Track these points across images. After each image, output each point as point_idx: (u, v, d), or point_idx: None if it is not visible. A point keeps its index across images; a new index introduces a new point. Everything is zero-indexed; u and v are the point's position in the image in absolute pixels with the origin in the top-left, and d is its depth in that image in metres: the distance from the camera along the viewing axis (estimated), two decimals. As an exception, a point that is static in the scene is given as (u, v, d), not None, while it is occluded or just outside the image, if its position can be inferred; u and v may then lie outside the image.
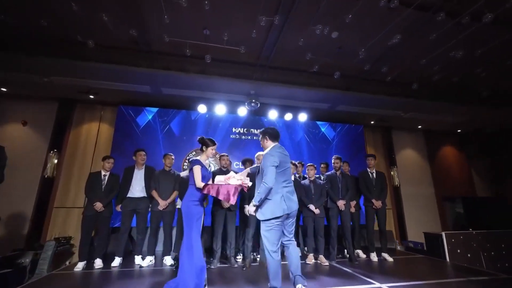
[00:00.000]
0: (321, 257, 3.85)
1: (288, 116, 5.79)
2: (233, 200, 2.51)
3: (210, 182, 2.90)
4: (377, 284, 2.75)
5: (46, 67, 4.13)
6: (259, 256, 3.83)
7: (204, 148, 2.95)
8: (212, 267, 3.43)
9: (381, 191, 4.33)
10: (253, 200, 2.36)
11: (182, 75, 4.42)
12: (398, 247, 5.47)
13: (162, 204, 3.67)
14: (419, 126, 7.70)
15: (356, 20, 3.40)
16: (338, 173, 4.31)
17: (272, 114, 5.65)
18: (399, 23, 3.45)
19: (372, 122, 7.03)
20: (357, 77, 5.11)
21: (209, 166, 3.03)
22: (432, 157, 8.05)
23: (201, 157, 2.92)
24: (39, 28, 3.65)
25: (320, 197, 4.00)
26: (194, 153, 5.22)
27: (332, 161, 4.37)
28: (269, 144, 2.54)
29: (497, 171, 8.23)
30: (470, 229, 4.90)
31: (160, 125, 5.16)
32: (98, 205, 3.53)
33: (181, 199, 3.61)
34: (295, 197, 2.44)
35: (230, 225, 3.68)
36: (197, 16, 3.52)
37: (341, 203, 4.05)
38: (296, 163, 4.44)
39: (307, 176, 4.18)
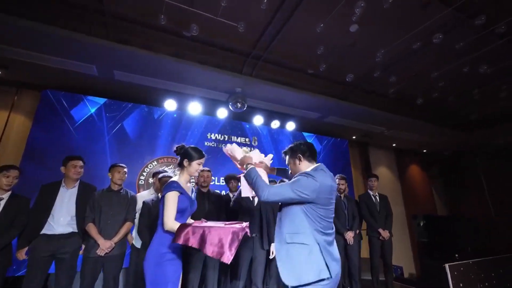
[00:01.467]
0: None
1: (275, 124, 4.90)
2: (229, 256, 1.41)
3: (190, 220, 1.81)
4: None
5: None
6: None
7: (185, 162, 1.80)
8: None
9: (386, 218, 3.72)
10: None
11: (147, 56, 3.15)
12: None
13: (105, 246, 2.32)
14: (394, 144, 7.67)
15: (381, 15, 2.74)
16: (342, 196, 3.55)
17: (257, 120, 4.69)
18: (430, 26, 2.92)
19: (354, 137, 6.67)
20: (357, 87, 4.55)
21: (192, 191, 1.90)
22: (402, 175, 8.12)
23: (180, 178, 1.78)
24: None
25: None
26: (156, 163, 3.88)
27: (338, 184, 3.60)
28: (304, 167, 1.63)
29: (453, 191, 8.75)
30: (456, 255, 4.66)
31: (108, 123, 3.69)
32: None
33: (142, 237, 2.35)
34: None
35: (211, 273, 2.53)
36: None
37: (350, 236, 3.28)
38: None
39: None
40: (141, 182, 3.70)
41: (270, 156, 2.00)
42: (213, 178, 4.19)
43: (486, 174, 7.86)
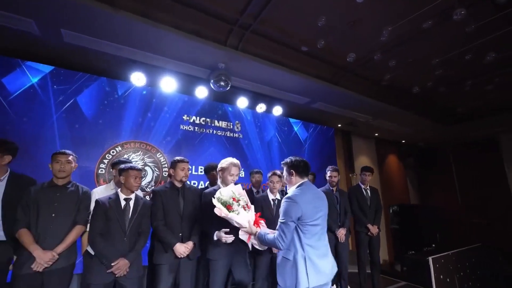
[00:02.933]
0: None
1: (261, 108, 4.42)
2: None
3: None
4: None
5: None
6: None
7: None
8: None
9: (376, 213, 3.52)
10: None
11: (106, 11, 2.44)
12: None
13: (43, 259, 1.75)
14: (376, 134, 7.62)
15: None
16: (335, 190, 3.25)
17: (242, 103, 4.17)
18: (440, 4, 2.57)
19: (339, 125, 6.44)
20: (350, 71, 4.19)
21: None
22: (380, 165, 8.19)
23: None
24: None
25: None
26: (120, 149, 3.24)
27: (327, 174, 3.29)
28: (296, 181, 1.80)
29: (425, 182, 9.10)
30: (433, 245, 4.73)
31: (56, 97, 2.94)
32: None
33: (94, 248, 1.83)
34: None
35: (184, 281, 2.09)
36: None
37: (342, 233, 3.02)
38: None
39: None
40: (101, 171, 3.07)
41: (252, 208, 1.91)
42: (189, 166, 3.69)
43: (457, 167, 8.20)
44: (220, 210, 1.75)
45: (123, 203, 1.96)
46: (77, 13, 2.44)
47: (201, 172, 3.74)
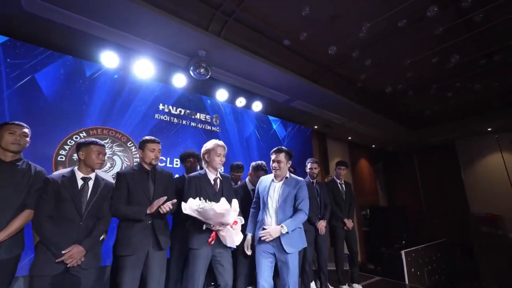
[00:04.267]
0: None
1: (240, 102, 4.33)
2: None
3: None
4: None
5: None
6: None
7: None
8: None
9: (350, 206, 3.56)
10: (285, 226, 1.99)
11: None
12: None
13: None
14: (349, 137, 7.92)
15: None
16: (315, 182, 3.23)
17: (221, 95, 4.05)
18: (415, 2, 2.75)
19: (315, 127, 6.58)
20: (329, 69, 4.31)
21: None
22: (353, 168, 8.50)
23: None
24: None
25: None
26: (85, 135, 2.91)
27: (307, 166, 3.26)
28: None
29: (391, 185, 9.64)
30: (403, 242, 4.93)
31: (10, 72, 2.57)
32: None
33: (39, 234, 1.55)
34: None
35: (152, 278, 1.85)
36: None
37: (322, 225, 2.98)
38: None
39: None
40: (61, 158, 2.71)
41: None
42: (164, 158, 3.45)
43: (420, 170, 8.81)
44: (205, 206, 1.65)
45: (80, 182, 1.71)
46: (40, -25, 2.18)
47: (176, 164, 3.51)
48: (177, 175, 2.86)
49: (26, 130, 1.72)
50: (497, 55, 3.62)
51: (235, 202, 1.89)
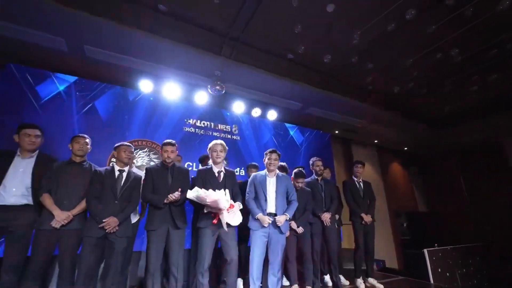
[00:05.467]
0: None
1: (256, 112, 4.85)
2: None
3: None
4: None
5: None
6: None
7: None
8: None
9: (370, 203, 3.69)
10: (288, 214, 2.53)
11: (119, 29, 3.04)
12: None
13: (61, 217, 2.13)
14: (376, 141, 7.79)
15: None
16: (319, 179, 3.49)
17: (238, 108, 4.62)
18: (401, 6, 3.00)
19: (336, 132, 6.72)
20: (336, 76, 4.60)
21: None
22: (384, 173, 8.23)
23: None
24: None
25: (305, 211, 3.06)
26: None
27: (312, 164, 3.55)
28: None
29: (431, 190, 8.97)
30: (436, 245, 4.69)
31: (78, 102, 3.51)
32: None
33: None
34: None
35: (173, 250, 2.35)
36: None
37: (326, 217, 3.20)
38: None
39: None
40: (113, 161, 3.50)
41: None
42: (190, 163, 4.08)
43: (463, 172, 8.08)
44: (199, 193, 2.15)
45: (117, 173, 2.34)
46: (97, 31, 3.05)
47: (200, 168, 4.10)
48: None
49: (87, 140, 2.45)
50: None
51: (227, 192, 2.31)
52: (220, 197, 2.17)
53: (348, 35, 3.39)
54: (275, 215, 2.51)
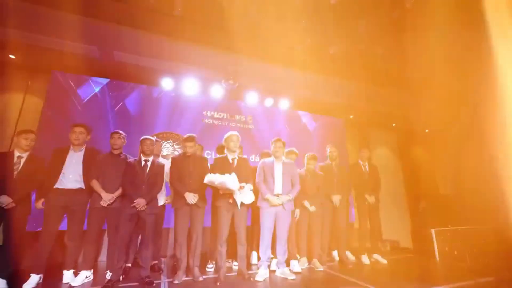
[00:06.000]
0: (315, 261, 3.22)
1: (269, 102, 5.12)
2: None
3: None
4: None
5: None
6: (236, 264, 3.05)
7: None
8: (176, 281, 2.56)
9: (374, 185, 3.90)
10: (291, 195, 2.91)
11: (142, 35, 3.44)
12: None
13: (107, 198, 2.67)
14: (393, 124, 7.70)
15: None
16: (333, 164, 3.75)
17: (251, 99, 4.92)
18: None
19: (351, 117, 6.76)
20: (346, 62, 4.66)
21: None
22: (403, 156, 8.15)
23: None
24: None
25: (316, 192, 3.39)
26: (155, 137, 4.20)
27: (327, 150, 3.81)
28: None
29: (456, 172, 8.69)
30: (449, 226, 4.77)
31: (111, 101, 4.05)
32: (4, 200, 2.40)
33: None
34: None
35: (195, 226, 2.81)
36: None
37: (336, 199, 3.49)
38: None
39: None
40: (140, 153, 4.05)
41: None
42: (209, 152, 4.52)
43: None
44: (213, 178, 2.55)
45: (143, 162, 2.81)
46: (125, 38, 3.47)
47: (218, 155, 4.54)
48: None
49: (121, 135, 2.94)
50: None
51: (234, 175, 2.67)
52: (226, 180, 2.56)
53: (353, 24, 3.48)
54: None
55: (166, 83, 4.26)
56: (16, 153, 2.61)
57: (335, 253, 3.79)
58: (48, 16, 3.06)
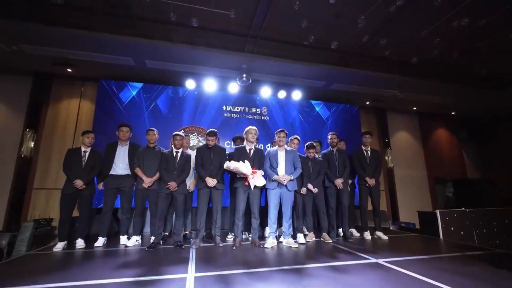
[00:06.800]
0: (324, 235, 3.73)
1: (282, 94, 5.53)
2: None
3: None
4: (374, 260, 2.64)
5: (14, 33, 3.71)
6: (250, 235, 3.69)
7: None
8: (194, 246, 3.25)
9: (376, 169, 4.19)
10: (292, 175, 3.39)
11: (167, 45, 4.07)
12: (391, 227, 5.44)
13: (147, 181, 3.44)
14: (414, 108, 7.59)
15: None
16: (334, 150, 4.12)
17: (265, 92, 5.38)
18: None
19: (367, 103, 6.87)
20: (354, 53, 4.86)
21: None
22: (425, 140, 8.02)
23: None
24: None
25: (318, 176, 3.84)
26: (183, 131, 4.93)
27: (328, 138, 4.18)
28: None
29: (485, 155, 8.31)
30: (463, 208, 4.88)
31: (145, 102, 4.83)
32: (78, 183, 3.27)
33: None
34: None
35: (215, 204, 3.47)
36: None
37: (338, 182, 3.90)
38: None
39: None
40: (172, 146, 4.82)
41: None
42: (229, 142, 5.14)
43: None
44: (229, 164, 3.14)
45: (174, 153, 3.49)
46: (154, 50, 4.14)
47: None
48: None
49: (155, 132, 3.66)
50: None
51: (247, 162, 3.23)
52: (240, 166, 3.14)
53: (353, 21, 3.71)
54: None
55: (190, 84, 4.91)
56: (82, 149, 3.47)
57: (340, 230, 4.24)
58: (93, 38, 3.82)
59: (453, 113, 8.05)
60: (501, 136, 7.92)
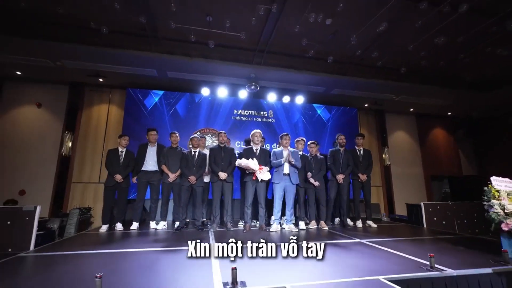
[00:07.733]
0: (322, 222, 4.37)
1: (286, 99, 6.15)
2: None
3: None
4: (358, 240, 3.28)
5: (59, 51, 4.44)
6: (258, 222, 4.36)
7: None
8: (212, 230, 3.93)
9: (367, 166, 4.79)
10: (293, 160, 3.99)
11: (186, 60, 4.74)
12: (385, 219, 6.04)
13: (172, 177, 4.14)
14: (411, 109, 8.07)
15: (347, 8, 3.70)
16: (342, 149, 4.70)
17: (271, 97, 6.01)
18: (387, 11, 3.76)
19: (366, 105, 7.40)
20: (351, 63, 5.43)
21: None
22: (422, 139, 8.50)
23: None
24: (52, 14, 3.94)
25: (320, 171, 4.46)
26: (199, 133, 5.63)
27: (337, 138, 4.73)
28: None
29: (481, 153, 8.75)
30: (449, 202, 5.43)
31: (166, 107, 5.53)
32: (118, 177, 4.00)
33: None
34: None
35: (226, 195, 4.14)
36: (201, 3, 3.81)
37: (340, 177, 4.49)
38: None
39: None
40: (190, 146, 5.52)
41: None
42: (239, 142, 5.81)
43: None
44: (241, 161, 3.79)
45: (193, 153, 4.17)
46: (175, 63, 4.82)
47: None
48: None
49: (177, 134, 4.35)
50: None
51: (255, 160, 3.89)
52: (249, 162, 3.79)
53: (348, 38, 4.30)
54: (288, 174, 4.02)
55: (205, 91, 5.58)
56: (119, 149, 4.19)
57: (337, 220, 4.88)
58: (125, 54, 4.52)
59: (449, 113, 8.50)
60: (496, 135, 8.34)
